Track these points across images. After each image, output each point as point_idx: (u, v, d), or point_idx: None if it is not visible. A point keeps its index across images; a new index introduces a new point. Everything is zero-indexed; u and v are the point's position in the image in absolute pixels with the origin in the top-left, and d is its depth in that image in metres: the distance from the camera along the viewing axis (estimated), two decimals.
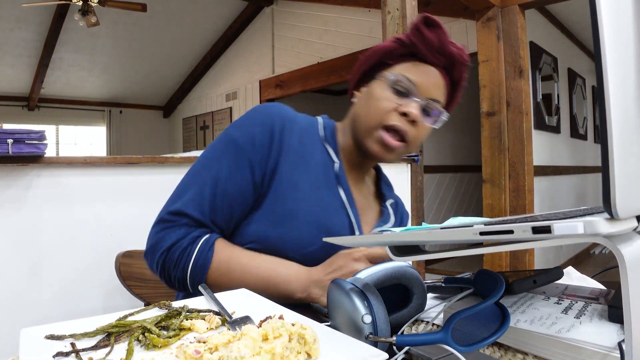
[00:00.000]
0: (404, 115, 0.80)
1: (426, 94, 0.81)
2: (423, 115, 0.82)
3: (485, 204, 3.18)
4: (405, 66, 0.83)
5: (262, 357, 0.41)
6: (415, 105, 0.80)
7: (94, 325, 0.51)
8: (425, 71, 0.82)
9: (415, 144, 0.85)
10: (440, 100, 0.84)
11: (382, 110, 0.81)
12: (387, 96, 0.81)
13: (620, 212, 0.34)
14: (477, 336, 0.45)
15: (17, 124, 6.77)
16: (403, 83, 0.80)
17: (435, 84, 0.82)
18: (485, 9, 3.14)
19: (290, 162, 0.80)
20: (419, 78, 0.81)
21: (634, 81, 0.37)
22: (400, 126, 0.80)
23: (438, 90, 0.83)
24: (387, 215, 0.93)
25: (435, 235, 0.45)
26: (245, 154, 0.76)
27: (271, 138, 0.78)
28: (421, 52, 0.81)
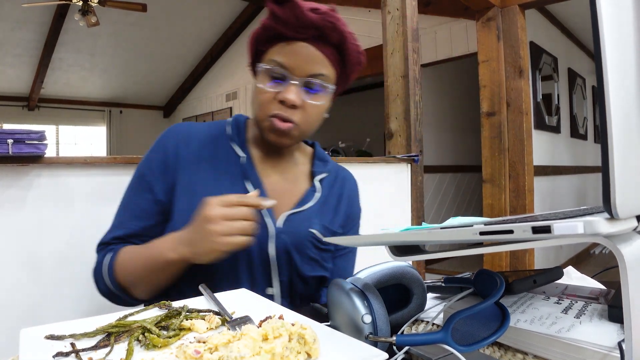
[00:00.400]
0: (283, 102, 0.79)
1: (302, 72, 0.78)
2: (307, 93, 0.80)
3: (485, 204, 3.18)
4: (275, 50, 0.80)
5: (262, 357, 0.41)
6: (293, 88, 0.78)
7: (94, 325, 0.51)
8: (294, 50, 0.78)
9: (307, 125, 0.83)
10: (324, 73, 0.80)
11: (263, 102, 0.80)
12: (266, 86, 0.80)
13: (620, 212, 0.34)
14: (477, 336, 0.45)
15: (17, 124, 6.77)
16: (275, 70, 0.78)
17: (310, 58, 0.78)
18: (485, 9, 3.14)
19: (189, 171, 0.83)
20: (289, 59, 0.78)
21: (634, 81, 0.37)
22: (282, 114, 0.79)
23: (317, 64, 0.79)
24: (310, 194, 0.90)
25: (435, 235, 0.45)
26: (145, 179, 0.84)
27: (165, 157, 0.84)
28: (282, 33, 0.78)
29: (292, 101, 0.78)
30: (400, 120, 2.12)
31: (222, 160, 0.86)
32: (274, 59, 0.79)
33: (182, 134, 0.87)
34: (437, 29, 4.13)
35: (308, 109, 0.81)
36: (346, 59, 0.83)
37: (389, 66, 2.15)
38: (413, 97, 2.09)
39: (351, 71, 0.86)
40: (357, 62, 0.85)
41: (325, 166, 0.97)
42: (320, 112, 0.84)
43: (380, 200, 1.98)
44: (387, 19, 2.17)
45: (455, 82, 4.98)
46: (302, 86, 0.79)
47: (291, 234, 0.84)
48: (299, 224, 0.86)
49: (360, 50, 0.85)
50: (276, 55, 0.79)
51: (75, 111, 7.39)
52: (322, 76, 0.80)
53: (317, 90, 0.81)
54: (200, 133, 0.88)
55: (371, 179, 1.95)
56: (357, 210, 1.02)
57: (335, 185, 0.96)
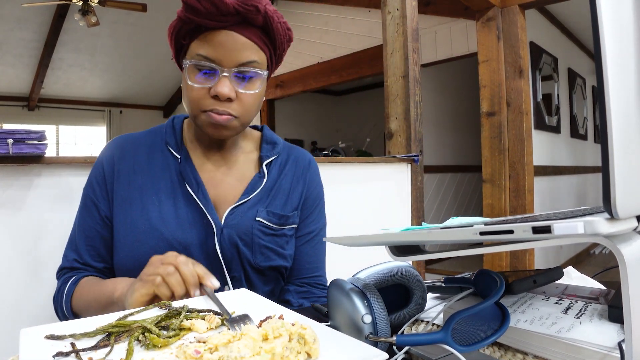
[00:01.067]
0: (217, 97, 0.75)
1: (231, 62, 0.75)
2: (240, 83, 0.77)
3: (485, 204, 3.18)
4: (198, 43, 0.76)
5: (262, 357, 0.41)
6: (224, 80, 0.75)
7: (94, 326, 0.51)
8: (219, 40, 0.74)
9: (246, 114, 0.80)
10: (254, 60, 0.76)
11: (196, 99, 0.77)
12: (195, 81, 0.76)
13: (620, 212, 0.34)
14: (477, 336, 0.45)
15: (17, 124, 6.77)
16: (202, 63, 0.75)
17: (237, 47, 0.74)
18: (485, 9, 3.14)
19: (125, 183, 0.82)
20: (215, 51, 0.74)
21: (634, 81, 0.37)
22: (218, 109, 0.76)
23: (245, 51, 0.75)
24: (256, 181, 0.87)
25: (435, 235, 0.45)
26: (89, 198, 0.84)
27: (102, 173, 0.84)
28: (202, 24, 0.73)
29: (226, 95, 0.75)
30: (400, 120, 2.12)
31: (159, 166, 0.84)
32: (199, 53, 0.75)
33: (117, 147, 0.86)
34: (437, 29, 4.13)
35: (244, 98, 0.78)
36: (275, 38, 0.79)
37: (389, 66, 2.15)
38: (413, 97, 2.09)
39: (282, 50, 0.82)
40: (287, 39, 0.81)
41: (273, 149, 0.92)
42: (257, 98, 0.81)
43: (380, 200, 1.98)
44: (387, 19, 2.17)
45: (455, 82, 4.98)
46: (233, 77, 0.76)
47: (235, 226, 0.82)
48: (243, 215, 0.83)
49: (288, 26, 0.81)
50: (201, 49, 0.75)
51: (75, 111, 7.39)
52: (252, 63, 0.76)
53: (250, 77, 0.78)
54: (137, 143, 0.86)
55: (371, 179, 1.95)
56: (316, 189, 0.97)
57: (287, 167, 0.92)
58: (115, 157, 0.85)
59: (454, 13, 3.89)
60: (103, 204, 0.83)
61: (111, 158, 0.85)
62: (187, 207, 0.81)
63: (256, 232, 0.83)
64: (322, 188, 1.00)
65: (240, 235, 0.82)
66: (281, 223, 0.88)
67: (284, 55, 0.84)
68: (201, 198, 0.82)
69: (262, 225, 0.84)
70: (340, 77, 4.89)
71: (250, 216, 0.84)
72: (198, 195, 0.82)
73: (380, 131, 6.08)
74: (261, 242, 0.84)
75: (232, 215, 0.83)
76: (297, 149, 0.98)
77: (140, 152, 0.85)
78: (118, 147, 0.86)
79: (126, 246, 0.80)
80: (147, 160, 0.84)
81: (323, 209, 0.99)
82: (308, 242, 0.94)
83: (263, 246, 0.84)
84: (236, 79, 0.77)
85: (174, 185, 0.83)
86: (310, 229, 0.95)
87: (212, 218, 0.81)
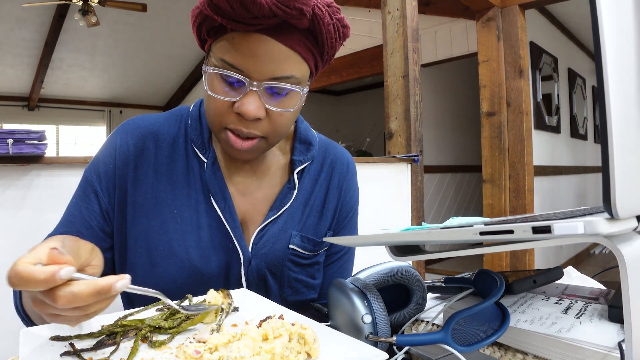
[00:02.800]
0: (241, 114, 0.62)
1: (263, 75, 0.60)
2: (271, 98, 0.63)
3: (485, 204, 3.18)
4: (222, 45, 0.60)
5: (262, 357, 0.41)
6: (252, 96, 0.60)
7: (93, 326, 0.51)
8: (248, 46, 0.59)
9: (275, 134, 0.66)
10: (292, 74, 0.61)
11: (217, 112, 0.63)
12: (218, 92, 0.62)
13: (620, 212, 0.34)
14: (477, 336, 0.45)
15: (17, 124, 6.77)
16: (227, 73, 0.60)
17: (272, 57, 0.59)
18: (485, 9, 3.14)
19: (142, 187, 0.69)
20: (244, 60, 0.59)
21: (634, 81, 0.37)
22: (241, 129, 0.62)
23: (282, 64, 0.60)
24: (286, 193, 0.74)
25: (435, 235, 0.45)
26: (90, 185, 0.69)
27: (113, 163, 0.69)
28: (227, 25, 0.58)
29: (253, 115, 0.61)
30: (400, 120, 2.12)
31: (181, 170, 0.71)
32: (224, 59, 0.60)
33: (138, 136, 0.71)
34: (437, 29, 4.13)
35: (275, 117, 0.64)
36: (324, 42, 0.63)
37: (389, 66, 2.15)
38: (413, 97, 2.09)
39: (332, 53, 0.66)
40: (341, 40, 0.65)
41: (308, 151, 0.77)
42: (292, 117, 0.67)
43: (380, 200, 1.98)
44: (387, 19, 2.17)
45: (455, 82, 4.97)
46: (264, 91, 0.62)
47: (265, 257, 0.71)
48: (275, 242, 0.72)
49: (344, 23, 0.64)
50: (226, 54, 0.60)
51: (75, 111, 7.39)
52: (290, 78, 0.62)
53: (285, 94, 0.63)
54: (159, 134, 0.72)
55: (371, 179, 1.95)
56: (351, 200, 0.83)
57: (322, 174, 0.78)
58: (132, 148, 0.70)
59: (454, 13, 3.89)
60: (106, 198, 0.69)
61: (127, 148, 0.70)
62: (211, 227, 0.70)
63: (287, 264, 0.73)
64: (357, 195, 0.85)
65: (270, 268, 0.72)
66: (315, 250, 0.76)
67: (333, 56, 0.68)
68: (228, 218, 0.70)
69: (295, 254, 0.73)
70: (340, 77, 4.89)
71: (283, 243, 0.72)
72: (225, 215, 0.70)
73: (380, 131, 6.08)
74: (291, 275, 0.74)
75: (262, 240, 0.71)
76: (334, 147, 0.82)
77: (162, 147, 0.71)
78: (138, 136, 0.71)
79: (141, 268, 0.69)
80: (168, 161, 0.71)
81: (356, 220, 0.85)
82: (335, 262, 0.82)
83: (293, 279, 0.74)
84: (268, 94, 0.62)
85: (198, 198, 0.70)
86: (341, 246, 0.82)
87: (239, 245, 0.70)
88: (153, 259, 0.68)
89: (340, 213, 0.80)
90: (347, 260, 0.85)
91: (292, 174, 0.75)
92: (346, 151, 0.85)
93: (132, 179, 0.69)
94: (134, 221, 0.69)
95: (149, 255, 0.68)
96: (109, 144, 0.71)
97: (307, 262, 0.75)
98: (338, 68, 4.89)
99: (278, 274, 0.73)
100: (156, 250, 0.68)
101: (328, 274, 0.82)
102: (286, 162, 0.77)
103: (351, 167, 0.83)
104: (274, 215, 0.73)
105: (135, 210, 0.69)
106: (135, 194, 0.69)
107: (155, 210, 0.69)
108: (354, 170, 0.84)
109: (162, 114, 0.75)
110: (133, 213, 0.69)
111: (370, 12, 4.52)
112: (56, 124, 7.34)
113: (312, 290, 0.77)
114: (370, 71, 4.57)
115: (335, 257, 0.82)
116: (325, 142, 0.82)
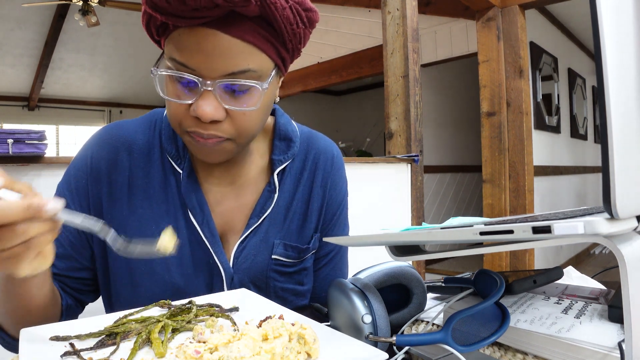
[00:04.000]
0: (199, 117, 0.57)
1: (215, 71, 0.54)
2: (231, 96, 0.57)
3: (485, 204, 3.18)
4: (171, 43, 0.55)
5: (262, 357, 0.41)
6: (207, 97, 0.55)
7: (93, 326, 0.51)
8: (194, 41, 0.53)
9: (243, 133, 0.60)
10: (248, 67, 0.55)
11: (175, 117, 0.59)
12: (172, 94, 0.57)
13: (620, 212, 0.34)
14: (477, 336, 0.45)
15: (17, 124, 6.77)
16: (177, 74, 0.55)
17: (221, 51, 0.53)
18: (485, 9, 3.14)
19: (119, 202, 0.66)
20: (192, 56, 0.54)
21: (634, 81, 0.37)
22: (201, 132, 0.58)
23: (235, 57, 0.54)
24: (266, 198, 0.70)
25: (435, 235, 0.45)
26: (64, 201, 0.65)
27: (85, 179, 0.66)
28: (168, 21, 0.53)
29: (209, 116, 0.55)
30: (400, 120, 2.12)
31: (157, 182, 0.67)
32: (173, 57, 0.55)
33: (110, 148, 0.67)
34: (437, 29, 4.13)
35: (237, 117, 0.58)
36: (282, 29, 0.56)
37: (389, 66, 2.15)
38: (413, 97, 2.09)
39: (297, 41, 0.59)
40: (303, 25, 0.58)
41: (288, 148, 0.72)
42: (258, 114, 0.61)
43: (380, 200, 1.98)
44: (387, 19, 2.17)
45: (455, 82, 4.98)
46: (220, 90, 0.56)
47: (247, 271, 0.68)
48: (256, 254, 0.69)
49: (307, 6, 0.58)
50: (174, 52, 0.55)
51: (75, 111, 7.39)
52: (246, 73, 0.55)
53: (245, 91, 0.57)
54: (132, 144, 0.68)
55: (371, 179, 1.95)
56: (339, 196, 0.78)
57: (305, 173, 0.74)
58: (105, 162, 0.66)
59: (454, 13, 3.89)
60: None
61: (99, 163, 0.66)
62: (191, 244, 0.67)
63: (272, 275, 0.70)
64: (345, 189, 0.80)
65: (254, 281, 0.69)
66: (300, 257, 0.73)
67: (303, 45, 0.61)
68: (207, 233, 0.67)
69: (279, 264, 0.70)
70: (340, 77, 4.88)
71: (265, 255, 0.69)
72: (203, 229, 0.66)
73: (380, 131, 6.08)
74: (277, 285, 0.71)
75: (243, 253, 0.68)
76: (317, 139, 0.77)
77: (136, 159, 0.67)
78: (112, 148, 0.67)
79: (124, 289, 0.67)
80: (143, 174, 0.67)
81: (345, 216, 0.81)
82: (326, 265, 0.79)
83: (280, 288, 0.71)
84: (225, 93, 0.57)
85: (176, 211, 0.67)
86: (329, 247, 0.78)
87: (219, 261, 0.67)
88: (134, 278, 0.66)
89: (327, 212, 0.76)
90: (339, 262, 0.81)
91: (272, 176, 0.70)
92: (331, 142, 0.80)
93: (106, 195, 0.66)
94: None
95: (129, 274, 0.66)
96: (81, 158, 0.68)
97: (292, 270, 0.72)
98: (338, 68, 4.89)
99: (263, 287, 0.70)
100: (137, 270, 0.66)
101: (320, 278, 0.79)
102: (265, 163, 0.73)
103: (336, 160, 0.78)
104: (254, 224, 0.69)
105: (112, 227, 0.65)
106: (112, 210, 0.66)
107: (132, 227, 0.66)
108: (340, 163, 0.79)
109: (136, 120, 0.71)
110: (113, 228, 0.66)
111: (370, 12, 4.52)
112: (56, 124, 7.34)
113: (302, 297, 0.75)
114: (370, 71, 4.57)
115: (325, 260, 0.79)
116: (307, 135, 0.76)
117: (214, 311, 0.56)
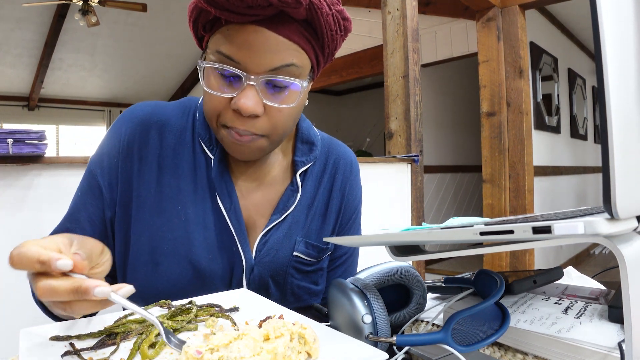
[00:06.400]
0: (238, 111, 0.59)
1: (260, 67, 0.57)
2: (270, 93, 0.60)
3: (485, 204, 3.18)
4: (218, 37, 0.58)
5: (262, 357, 0.41)
6: (249, 91, 0.58)
7: (93, 326, 0.51)
8: (243, 37, 0.56)
9: (277, 131, 0.63)
10: (291, 62, 0.58)
11: (213, 110, 0.61)
12: (214, 87, 0.60)
13: (620, 212, 0.34)
14: (477, 336, 0.45)
15: (17, 124, 6.77)
16: (223, 67, 0.58)
17: (269, 47, 0.57)
18: (485, 9, 3.14)
19: (147, 181, 0.67)
20: (240, 51, 0.57)
21: (634, 81, 0.37)
22: (238, 127, 0.60)
23: (280, 54, 0.58)
24: (288, 196, 0.72)
25: (435, 235, 0.45)
26: (95, 178, 0.67)
27: (117, 155, 0.67)
28: (221, 16, 0.56)
29: (250, 110, 0.58)
30: (400, 120, 2.12)
31: (186, 164, 0.68)
32: (220, 50, 0.58)
33: (143, 126, 0.68)
34: (437, 29, 4.13)
35: (274, 114, 0.61)
36: (323, 34, 0.60)
37: (389, 66, 2.16)
38: (413, 97, 2.09)
39: (334, 47, 0.63)
40: (341, 33, 0.63)
41: (310, 152, 0.75)
42: (293, 113, 0.64)
43: (380, 200, 1.98)
44: (387, 19, 2.17)
45: (455, 82, 4.98)
46: (262, 86, 0.59)
47: (268, 264, 0.69)
48: (277, 248, 0.70)
49: (344, 15, 0.62)
50: (221, 45, 0.58)
51: (75, 111, 7.39)
52: (289, 68, 0.59)
53: (285, 87, 0.60)
54: (165, 124, 0.69)
55: (371, 179, 1.95)
56: (354, 201, 0.81)
57: (325, 176, 0.76)
58: (137, 139, 0.67)
59: (454, 13, 3.89)
60: (110, 193, 0.67)
61: (132, 139, 0.67)
62: (216, 228, 0.68)
63: (291, 271, 0.71)
64: (360, 196, 0.83)
65: (273, 275, 0.70)
66: (319, 256, 0.74)
67: (336, 52, 0.65)
68: (233, 220, 0.68)
69: (299, 261, 0.72)
70: (340, 77, 4.89)
71: (287, 251, 0.70)
72: (230, 216, 0.68)
73: (380, 131, 6.09)
74: (294, 282, 0.72)
75: (265, 246, 0.69)
76: (337, 145, 0.80)
77: (167, 139, 0.68)
78: (144, 125, 0.68)
79: (143, 267, 0.66)
80: (174, 154, 0.68)
81: (359, 222, 0.83)
82: (339, 267, 0.81)
83: (296, 286, 0.72)
84: (266, 89, 0.60)
85: (204, 195, 0.68)
86: (343, 250, 0.81)
87: (243, 249, 0.68)
88: (156, 257, 0.66)
89: (344, 216, 0.79)
90: (351, 264, 0.83)
91: (294, 176, 0.73)
92: (349, 149, 0.83)
93: (136, 172, 0.67)
94: (137, 216, 0.66)
95: (151, 253, 0.66)
96: (113, 134, 0.69)
97: (310, 269, 0.74)
98: (338, 68, 4.90)
99: (281, 282, 0.71)
100: (159, 249, 0.66)
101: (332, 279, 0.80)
102: (288, 164, 0.75)
103: (355, 167, 0.82)
104: (277, 219, 0.70)
105: (139, 204, 0.66)
106: (139, 187, 0.67)
107: (159, 205, 0.66)
108: (357, 170, 0.83)
109: (171, 103, 0.73)
110: (137, 208, 0.66)
111: (370, 12, 4.52)
112: (56, 124, 7.34)
113: (315, 297, 0.76)
114: (370, 71, 4.57)
115: (338, 261, 0.81)
116: (328, 141, 0.80)
117: (214, 311, 0.56)
